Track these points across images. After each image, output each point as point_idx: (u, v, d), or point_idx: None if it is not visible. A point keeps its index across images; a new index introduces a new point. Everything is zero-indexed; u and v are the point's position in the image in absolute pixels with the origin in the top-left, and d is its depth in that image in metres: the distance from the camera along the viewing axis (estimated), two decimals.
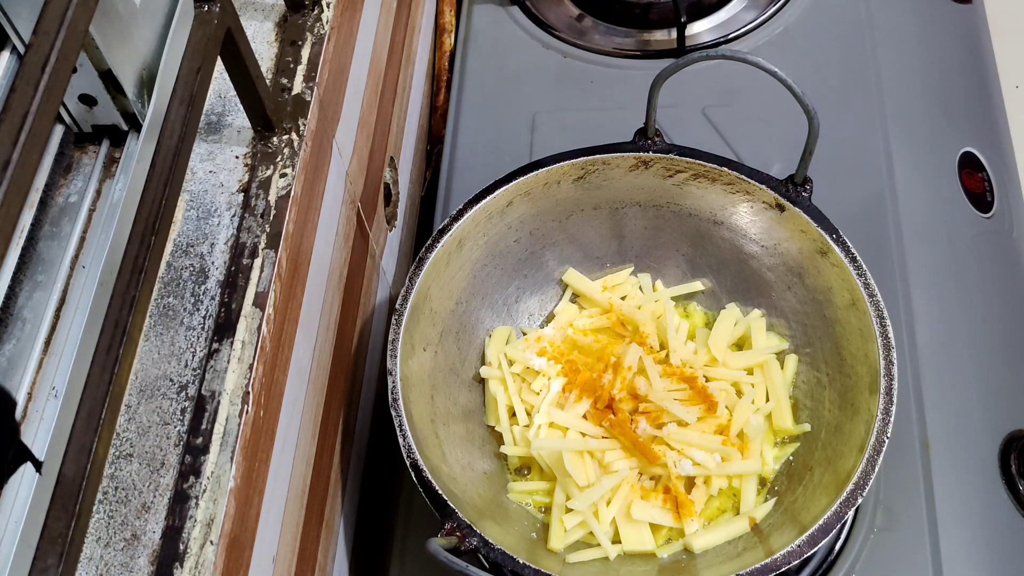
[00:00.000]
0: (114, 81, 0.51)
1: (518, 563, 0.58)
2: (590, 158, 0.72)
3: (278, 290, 0.56)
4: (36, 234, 0.53)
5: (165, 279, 0.55)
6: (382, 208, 0.84)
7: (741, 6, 0.95)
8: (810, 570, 0.68)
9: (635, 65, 0.94)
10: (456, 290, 0.73)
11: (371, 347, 0.80)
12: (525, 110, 0.92)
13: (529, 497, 0.69)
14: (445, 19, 1.05)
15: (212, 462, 0.49)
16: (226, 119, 0.62)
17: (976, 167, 0.87)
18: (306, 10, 0.66)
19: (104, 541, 0.47)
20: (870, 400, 0.62)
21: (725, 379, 0.70)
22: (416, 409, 0.66)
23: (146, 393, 0.51)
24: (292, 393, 0.60)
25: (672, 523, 0.66)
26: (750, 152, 0.85)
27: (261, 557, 0.54)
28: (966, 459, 0.71)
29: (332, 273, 0.69)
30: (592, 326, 0.75)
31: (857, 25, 0.92)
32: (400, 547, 0.73)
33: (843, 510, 0.58)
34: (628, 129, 0.72)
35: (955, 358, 0.75)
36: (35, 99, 0.35)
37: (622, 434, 0.67)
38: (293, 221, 0.59)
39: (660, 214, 0.75)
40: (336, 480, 0.71)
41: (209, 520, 0.48)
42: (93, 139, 0.57)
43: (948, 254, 0.81)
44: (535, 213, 0.74)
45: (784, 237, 0.70)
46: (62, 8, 0.38)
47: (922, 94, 0.89)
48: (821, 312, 0.69)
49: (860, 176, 0.83)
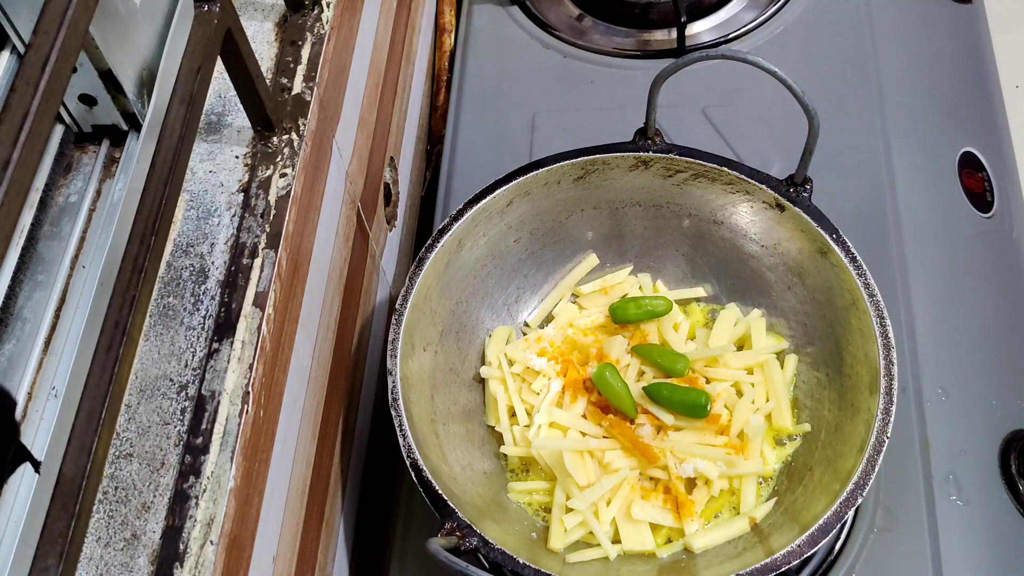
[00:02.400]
0: (114, 81, 0.51)
1: (518, 563, 0.58)
2: (590, 158, 0.72)
3: (278, 290, 0.56)
4: (36, 234, 0.53)
5: (165, 279, 0.55)
6: (382, 208, 0.84)
7: (741, 6, 0.95)
8: (810, 570, 0.68)
9: (635, 65, 0.94)
10: (456, 290, 0.73)
11: (371, 347, 0.80)
12: (525, 110, 0.92)
13: (529, 497, 0.69)
14: (445, 19, 1.05)
15: (212, 462, 0.49)
16: (226, 119, 0.62)
17: (976, 167, 0.87)
18: (306, 10, 0.66)
19: (104, 541, 0.47)
20: (870, 400, 0.62)
21: (725, 379, 0.70)
22: (416, 409, 0.66)
23: (146, 393, 0.51)
24: (292, 393, 0.60)
25: (672, 523, 0.66)
26: (750, 152, 0.85)
27: (261, 557, 0.54)
28: (966, 459, 0.71)
29: (332, 273, 0.69)
30: (592, 325, 0.75)
31: (857, 25, 0.92)
32: (400, 547, 0.73)
33: (843, 510, 0.58)
34: (628, 129, 0.72)
35: (955, 358, 0.75)
36: (35, 99, 0.35)
37: (622, 434, 0.67)
38: (293, 221, 0.59)
39: (660, 214, 0.75)
40: (336, 480, 0.71)
41: (209, 520, 0.48)
42: (93, 139, 0.57)
43: (948, 254, 0.81)
44: (535, 213, 0.74)
45: (784, 237, 0.70)
46: (62, 8, 0.38)
47: (922, 94, 0.89)
48: (821, 312, 0.69)
49: (860, 176, 0.83)
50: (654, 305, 0.72)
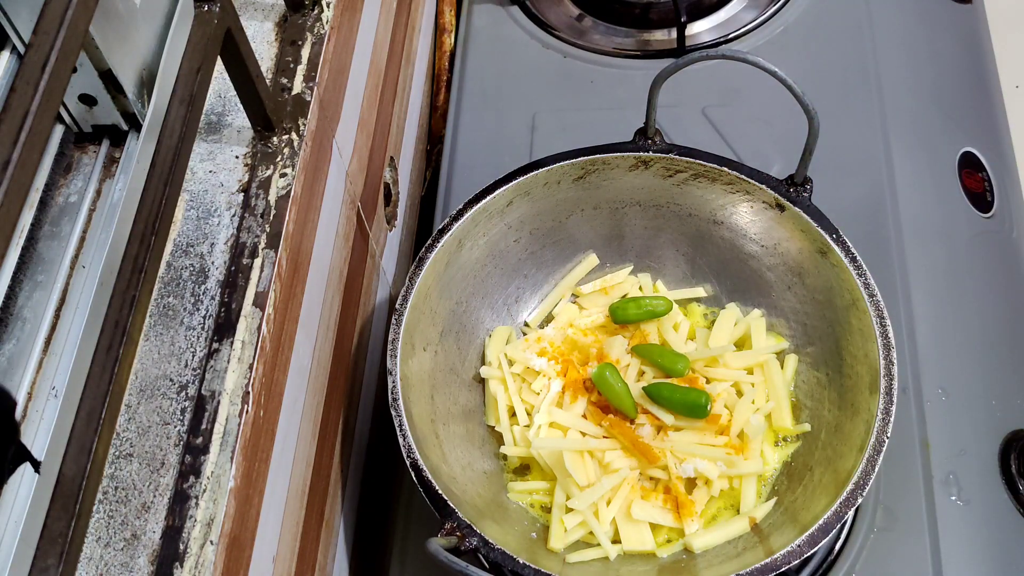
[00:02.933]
0: (114, 81, 0.51)
1: (518, 563, 0.58)
2: (590, 158, 0.72)
3: (278, 290, 0.56)
4: (36, 234, 0.53)
5: (165, 279, 0.55)
6: (382, 208, 0.84)
7: (741, 6, 0.95)
8: (810, 570, 0.68)
9: (635, 65, 0.94)
10: (456, 290, 0.73)
11: (371, 347, 0.80)
12: (525, 110, 0.92)
13: (529, 497, 0.69)
14: (445, 19, 1.05)
15: (212, 462, 0.49)
16: (226, 119, 0.62)
17: (976, 167, 0.87)
18: (306, 10, 0.66)
19: (104, 541, 0.47)
20: (870, 400, 0.62)
21: (725, 379, 0.70)
22: (416, 409, 0.66)
23: (146, 393, 0.51)
24: (292, 393, 0.60)
25: (672, 523, 0.66)
26: (750, 152, 0.85)
27: (261, 557, 0.54)
28: (966, 459, 0.71)
29: (332, 273, 0.69)
30: (592, 325, 0.75)
31: (857, 25, 0.92)
32: (400, 547, 0.73)
33: (843, 510, 0.58)
34: (628, 129, 0.72)
35: (955, 358, 0.75)
36: (35, 99, 0.35)
37: (622, 434, 0.67)
38: (293, 221, 0.59)
39: (660, 214, 0.75)
40: (336, 480, 0.71)
41: (209, 520, 0.48)
42: (93, 139, 0.57)
43: (948, 254, 0.81)
44: (535, 213, 0.74)
45: (784, 237, 0.70)
46: (62, 8, 0.38)
47: (922, 94, 0.89)
48: (821, 312, 0.69)
49: (860, 176, 0.83)
50: (654, 305, 0.72)
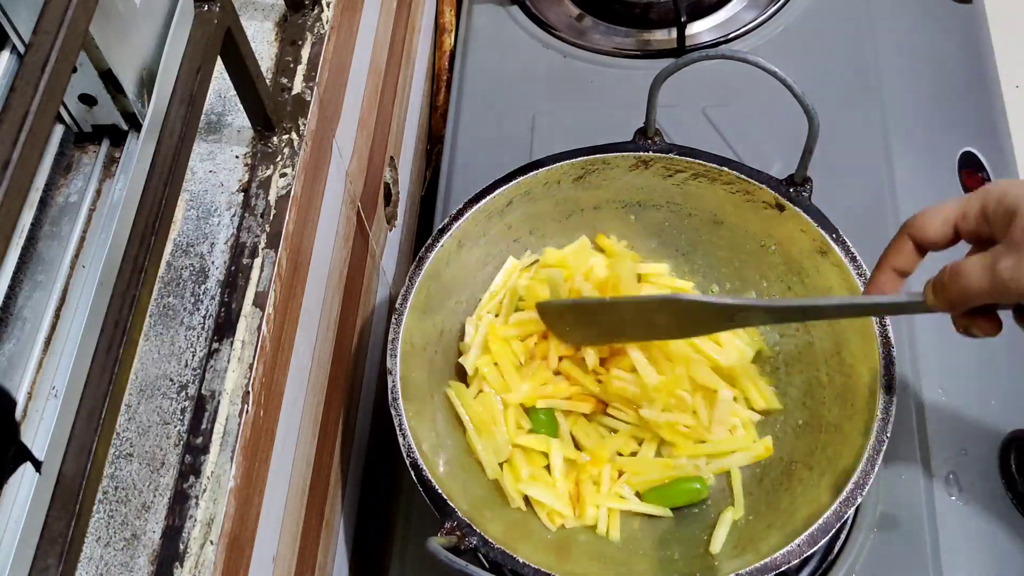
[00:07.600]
0: (114, 81, 0.51)
1: (518, 562, 0.58)
2: (590, 158, 0.72)
3: (278, 290, 0.56)
4: (36, 234, 0.53)
5: (165, 279, 0.55)
6: (382, 208, 0.84)
7: (741, 6, 0.95)
8: (810, 570, 0.68)
9: (635, 65, 0.94)
10: (456, 290, 0.73)
11: (371, 347, 0.80)
12: (525, 110, 0.92)
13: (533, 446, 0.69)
14: (445, 19, 1.05)
15: (212, 462, 0.49)
16: (226, 119, 0.62)
17: (976, 167, 0.87)
18: (306, 10, 0.66)
19: (104, 541, 0.47)
20: (870, 400, 0.62)
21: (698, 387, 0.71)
22: (416, 408, 0.66)
23: (146, 393, 0.51)
24: (292, 393, 0.60)
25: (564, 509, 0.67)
26: (750, 152, 0.85)
27: (261, 557, 0.54)
28: (966, 459, 0.71)
29: (332, 273, 0.69)
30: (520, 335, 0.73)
31: (857, 25, 0.92)
32: (400, 547, 0.73)
33: (843, 510, 0.58)
34: (628, 129, 0.72)
35: (955, 358, 0.75)
36: (35, 99, 0.35)
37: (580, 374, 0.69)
38: (293, 221, 0.59)
39: (660, 214, 0.75)
40: (336, 480, 0.71)
41: (209, 520, 0.48)
42: (93, 139, 0.57)
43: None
44: (535, 213, 0.74)
45: (784, 237, 0.70)
46: (62, 8, 0.38)
47: (922, 94, 0.89)
48: None
49: (860, 176, 0.83)
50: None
